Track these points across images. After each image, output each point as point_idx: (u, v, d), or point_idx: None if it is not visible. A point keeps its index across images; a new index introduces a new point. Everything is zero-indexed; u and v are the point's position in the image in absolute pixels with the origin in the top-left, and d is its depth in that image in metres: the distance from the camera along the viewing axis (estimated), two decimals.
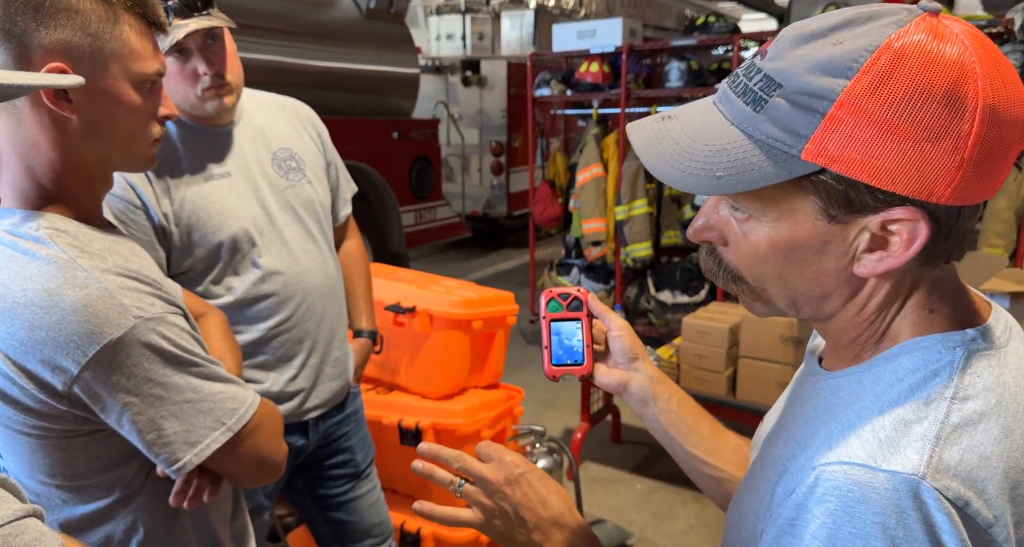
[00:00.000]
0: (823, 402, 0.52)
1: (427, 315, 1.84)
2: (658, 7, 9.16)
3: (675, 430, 0.71)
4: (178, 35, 1.06)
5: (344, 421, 1.42)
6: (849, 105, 0.44)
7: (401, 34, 4.77)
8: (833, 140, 0.44)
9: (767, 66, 0.47)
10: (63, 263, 0.69)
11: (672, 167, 0.50)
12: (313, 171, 1.33)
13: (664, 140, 0.51)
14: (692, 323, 2.43)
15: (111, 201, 1.11)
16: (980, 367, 0.47)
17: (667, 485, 2.64)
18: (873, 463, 0.43)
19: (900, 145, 0.43)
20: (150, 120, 0.78)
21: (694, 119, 0.51)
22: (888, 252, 0.47)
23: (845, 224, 0.47)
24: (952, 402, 0.45)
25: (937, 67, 0.43)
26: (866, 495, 0.43)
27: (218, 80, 1.13)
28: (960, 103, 0.43)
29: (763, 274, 0.52)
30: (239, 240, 1.19)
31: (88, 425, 0.73)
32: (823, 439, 0.47)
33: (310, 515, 1.48)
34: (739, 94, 0.49)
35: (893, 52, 0.43)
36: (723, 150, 0.48)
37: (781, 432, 0.57)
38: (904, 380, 0.47)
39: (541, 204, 4.03)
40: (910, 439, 0.44)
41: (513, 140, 6.59)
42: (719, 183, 0.48)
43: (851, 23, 0.45)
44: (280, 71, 3.81)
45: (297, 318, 1.26)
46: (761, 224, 0.50)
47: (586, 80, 3.73)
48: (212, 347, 0.91)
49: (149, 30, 0.76)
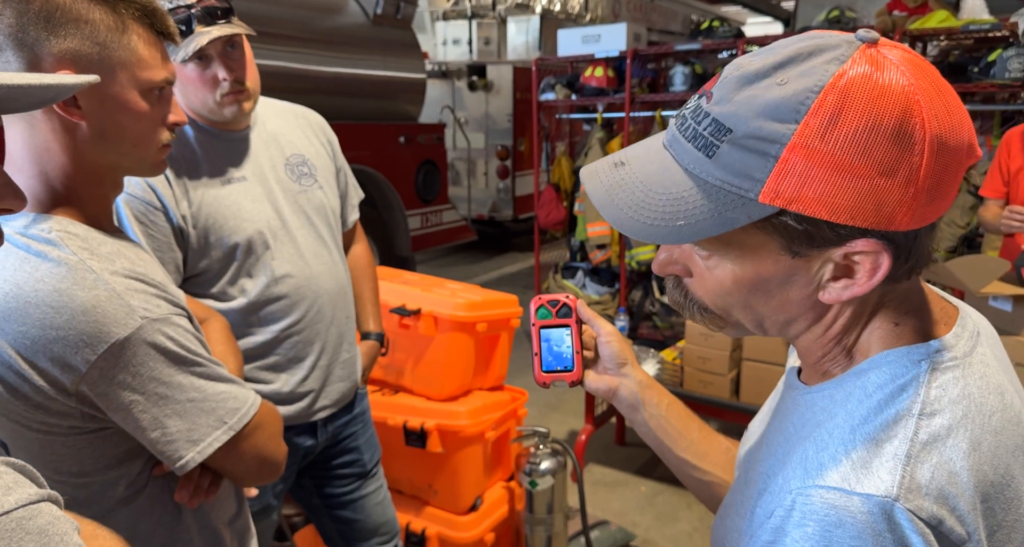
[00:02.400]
0: (800, 417, 0.53)
1: (432, 317, 1.87)
2: (664, 12, 9.17)
3: (665, 434, 0.71)
4: (200, 42, 1.09)
5: (352, 421, 1.44)
6: (801, 147, 0.44)
7: (408, 39, 4.81)
8: (788, 182, 0.45)
9: (715, 110, 0.47)
10: (73, 265, 0.71)
11: (632, 219, 0.49)
12: (324, 177, 1.35)
13: (620, 190, 0.51)
14: (696, 326, 2.44)
15: (132, 202, 1.14)
16: (945, 380, 0.48)
17: (671, 487, 2.65)
18: (847, 486, 0.44)
19: (855, 182, 0.44)
20: (158, 126, 0.80)
21: (647, 165, 0.51)
22: (853, 280, 0.48)
23: (808, 258, 0.48)
24: (920, 418, 0.46)
25: (883, 102, 0.43)
26: (842, 519, 0.43)
27: (237, 86, 1.16)
28: (909, 137, 0.43)
29: (729, 305, 0.53)
30: (253, 243, 1.22)
31: (95, 422, 0.75)
32: (799, 460, 0.48)
33: (317, 514, 1.50)
34: (689, 139, 0.48)
35: (838, 91, 0.43)
36: (680, 198, 0.48)
37: (763, 447, 0.58)
38: (873, 396, 0.48)
39: (546, 208, 4.05)
40: (882, 459, 0.45)
41: (519, 144, 6.61)
42: (680, 231, 0.48)
43: (793, 60, 0.45)
44: (288, 76, 3.86)
45: (308, 320, 1.29)
46: (724, 261, 0.51)
47: (591, 84, 3.75)
48: (214, 350, 0.93)
49: (157, 39, 0.78)
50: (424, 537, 1.92)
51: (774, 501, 0.48)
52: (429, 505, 1.98)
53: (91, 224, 0.78)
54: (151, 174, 0.85)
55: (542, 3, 7.21)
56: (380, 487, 1.53)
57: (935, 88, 0.45)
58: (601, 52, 3.69)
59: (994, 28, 2.79)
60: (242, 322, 1.23)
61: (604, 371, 0.72)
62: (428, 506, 1.98)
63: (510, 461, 2.10)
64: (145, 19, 0.77)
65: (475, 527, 1.93)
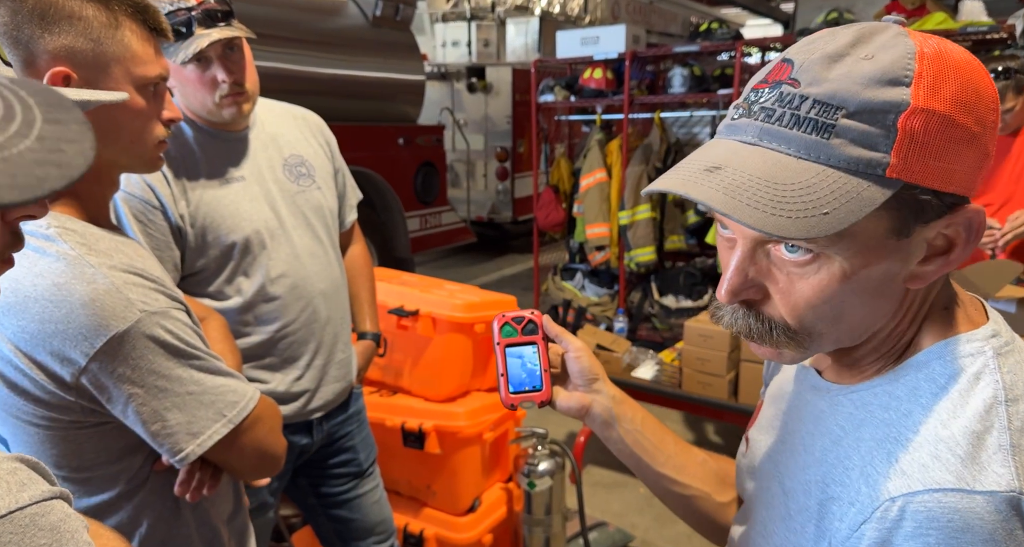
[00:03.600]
0: (850, 419, 0.50)
1: (430, 318, 1.87)
2: (663, 14, 9.19)
3: (642, 450, 0.68)
4: (201, 44, 1.10)
5: (347, 421, 1.44)
6: (920, 111, 0.42)
7: (407, 41, 4.82)
8: (913, 152, 0.43)
9: (812, 91, 0.44)
10: (72, 259, 0.71)
11: (776, 216, 0.43)
12: (322, 178, 1.36)
13: (742, 191, 0.44)
14: (694, 327, 2.44)
15: (130, 201, 1.15)
16: (1011, 364, 0.47)
17: None
18: (966, 486, 0.42)
19: (962, 145, 0.43)
20: (154, 122, 0.81)
21: (750, 164, 0.45)
22: (948, 256, 0.47)
23: (908, 239, 0.46)
24: (1008, 405, 0.45)
25: (965, 67, 0.44)
26: (969, 523, 0.41)
27: (236, 88, 1.17)
28: (990, 96, 0.45)
29: (819, 316, 0.48)
30: (250, 242, 1.23)
31: (95, 416, 0.75)
32: (883, 463, 0.45)
33: (313, 514, 1.50)
34: (791, 126, 0.45)
35: (929, 57, 0.43)
36: (811, 186, 0.43)
37: (800, 455, 0.54)
38: (947, 388, 0.46)
39: (545, 209, 4.05)
40: (988, 453, 0.43)
41: (518, 146, 6.62)
42: (827, 220, 0.43)
43: (862, 40, 0.45)
44: (288, 78, 3.86)
45: (303, 320, 1.29)
46: (831, 260, 0.46)
47: (590, 86, 3.76)
48: (212, 348, 0.93)
49: (151, 35, 0.79)
50: (422, 538, 1.92)
51: (859, 512, 0.45)
52: (427, 506, 1.98)
53: (89, 220, 0.78)
54: (148, 170, 0.85)
55: (541, 5, 7.23)
56: (376, 486, 1.53)
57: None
58: (600, 54, 3.70)
59: (992, 30, 2.79)
60: (238, 321, 1.23)
61: (575, 388, 0.67)
62: (426, 507, 1.98)
63: (508, 462, 2.09)
64: (138, 15, 0.77)
65: (473, 528, 1.93)
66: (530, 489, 1.97)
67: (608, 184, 3.77)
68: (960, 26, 2.88)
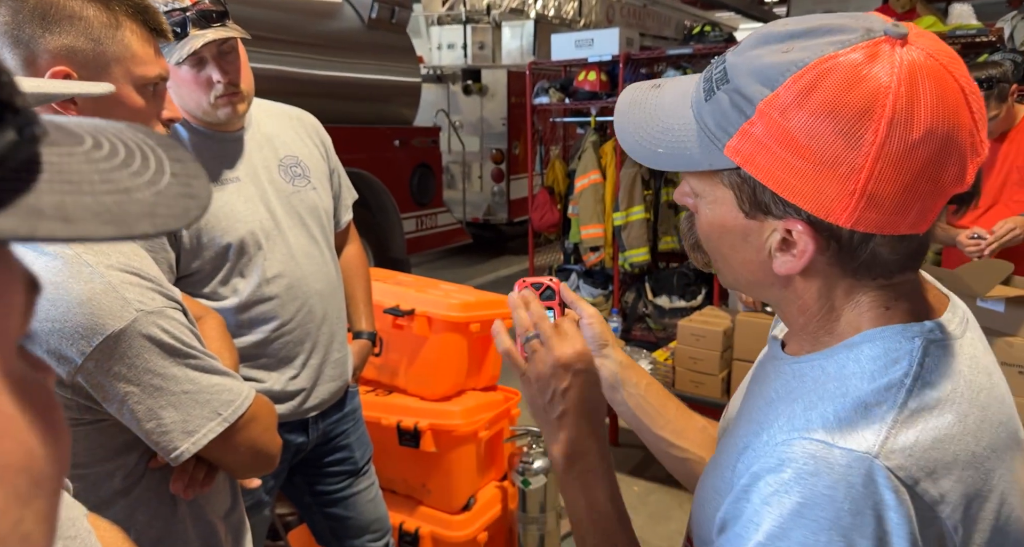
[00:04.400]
0: (785, 385, 0.54)
1: (426, 318, 1.88)
2: (657, 17, 9.23)
3: (643, 413, 0.74)
4: (195, 45, 1.10)
5: (343, 419, 1.45)
6: (766, 115, 0.46)
7: (403, 44, 4.83)
8: (749, 143, 0.47)
9: (730, 59, 0.50)
10: (69, 259, 0.72)
11: (630, 134, 0.55)
12: (318, 178, 1.37)
13: (637, 107, 0.56)
14: (687, 326, 2.46)
15: None
16: (938, 356, 0.49)
17: (664, 487, 2.66)
18: (830, 440, 0.45)
19: (801, 163, 0.45)
20: (153, 122, 0.81)
21: (670, 93, 0.55)
22: (791, 255, 0.50)
23: (759, 222, 0.51)
24: (911, 389, 0.47)
25: (850, 94, 0.43)
26: (819, 469, 0.45)
27: (231, 88, 1.18)
28: (858, 136, 0.43)
29: (711, 248, 0.57)
30: (246, 243, 1.23)
31: (91, 414, 0.75)
32: (787, 418, 0.49)
33: (309, 512, 1.51)
34: (704, 80, 0.52)
35: (818, 72, 0.44)
36: (670, 129, 0.53)
37: (743, 414, 0.59)
38: (866, 367, 0.49)
39: (540, 210, 4.07)
40: (868, 421, 0.46)
41: (513, 148, 6.64)
42: (657, 158, 0.53)
43: (808, 34, 0.46)
44: (284, 80, 3.87)
45: (299, 320, 1.30)
46: (703, 204, 0.54)
47: (584, 88, 3.78)
48: (210, 347, 0.93)
49: (151, 36, 0.80)
50: (418, 536, 1.93)
51: (757, 456, 0.49)
52: (422, 505, 1.99)
53: None
54: None
55: (536, 8, 7.26)
56: (372, 485, 1.54)
57: (930, 98, 0.43)
58: (594, 56, 3.72)
59: (981, 33, 2.83)
60: (234, 322, 1.24)
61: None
62: (421, 505, 1.99)
63: (503, 461, 2.11)
64: (138, 16, 0.78)
65: (468, 526, 1.94)
66: (525, 487, 1.98)
67: (602, 185, 3.79)
68: (949, 29, 2.91)
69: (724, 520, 0.50)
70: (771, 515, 0.45)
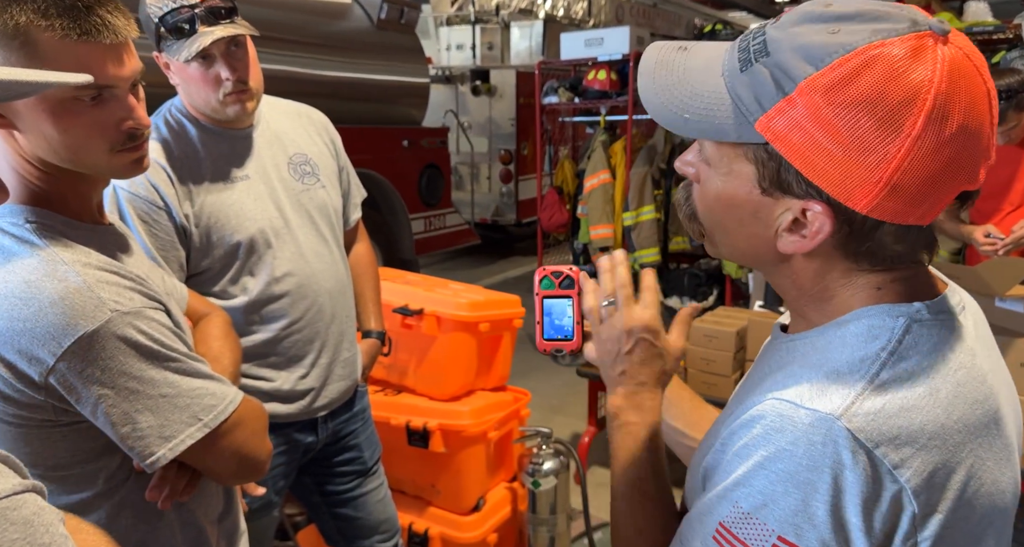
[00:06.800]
0: (778, 361, 0.57)
1: (435, 317, 1.87)
2: (668, 16, 9.20)
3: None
4: (204, 42, 1.09)
5: (352, 419, 1.45)
6: (807, 94, 0.46)
7: (412, 45, 4.84)
8: (783, 121, 0.47)
9: (770, 32, 0.49)
10: (44, 256, 0.70)
11: (655, 95, 0.54)
12: (327, 176, 1.36)
13: (663, 69, 0.55)
14: (699, 327, 2.44)
15: (135, 202, 1.15)
16: (920, 334, 0.50)
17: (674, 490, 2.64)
18: (798, 401, 0.48)
19: (834, 146, 0.46)
20: (97, 134, 0.73)
21: (699, 57, 0.54)
22: (801, 237, 0.51)
23: (774, 199, 0.51)
24: (886, 361, 0.49)
25: (893, 86, 0.44)
26: (784, 426, 0.48)
27: (240, 85, 1.17)
28: (896, 126, 0.44)
29: (712, 221, 0.57)
30: (256, 241, 1.23)
31: (67, 416, 0.73)
32: (768, 385, 0.52)
33: (318, 512, 1.51)
34: (740, 50, 0.51)
35: (865, 58, 0.45)
36: (700, 95, 0.52)
37: (739, 390, 0.63)
38: (848, 342, 0.51)
39: (549, 210, 4.06)
40: (838, 387, 0.48)
41: (522, 148, 6.63)
42: (685, 124, 0.52)
43: (858, 17, 0.46)
44: (294, 81, 3.88)
45: (308, 319, 1.29)
46: (714, 175, 0.54)
47: (594, 87, 3.77)
48: (211, 346, 0.92)
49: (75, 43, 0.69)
50: (427, 537, 1.92)
51: (737, 417, 0.52)
52: (432, 505, 1.98)
53: (72, 217, 0.77)
54: (124, 176, 0.79)
55: (545, 8, 7.25)
56: (381, 485, 1.53)
57: (963, 98, 0.45)
58: (604, 55, 3.71)
59: (998, 30, 2.79)
60: (243, 320, 1.23)
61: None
62: (431, 506, 1.98)
63: (513, 462, 2.09)
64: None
65: (478, 527, 1.93)
66: (534, 488, 1.97)
67: (612, 185, 3.77)
68: (965, 26, 2.87)
69: (706, 470, 0.54)
70: (741, 465, 0.49)
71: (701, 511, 0.52)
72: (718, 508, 0.50)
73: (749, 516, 0.48)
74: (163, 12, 1.10)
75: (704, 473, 0.54)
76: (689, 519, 0.54)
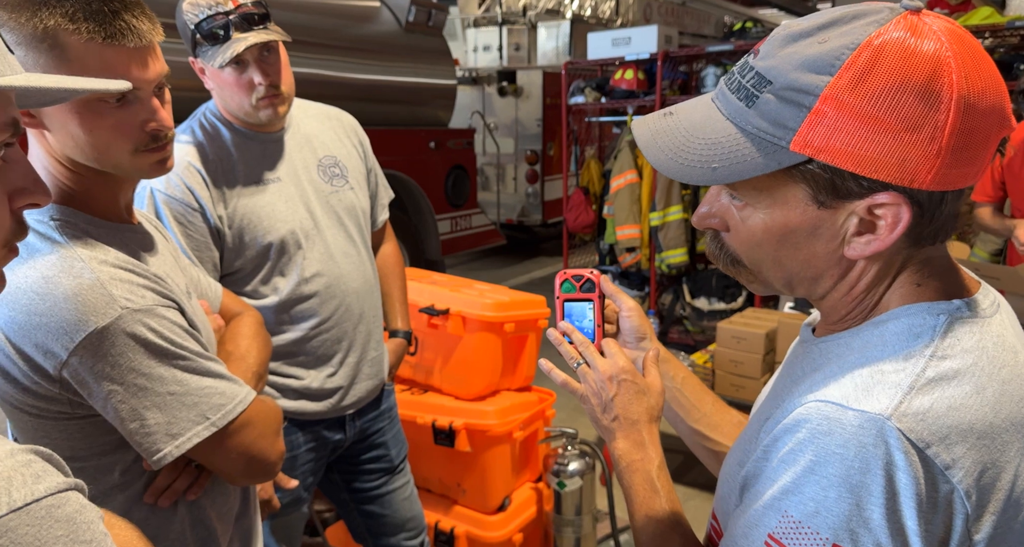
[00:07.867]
0: (811, 363, 0.56)
1: (460, 317, 1.88)
2: (697, 15, 9.08)
3: (679, 406, 0.76)
4: (237, 48, 1.12)
5: (379, 417, 1.46)
6: (832, 99, 0.47)
7: (439, 47, 4.87)
8: (818, 132, 0.47)
9: (759, 64, 0.50)
10: (63, 253, 0.72)
11: (671, 160, 0.54)
12: (355, 178, 1.38)
13: (664, 135, 0.55)
14: (727, 329, 2.41)
15: (171, 204, 1.19)
16: (962, 332, 0.50)
17: (702, 493, 2.61)
18: (845, 402, 0.47)
19: (881, 136, 0.46)
20: (121, 136, 0.75)
21: (692, 115, 0.55)
22: (875, 235, 0.50)
23: (834, 209, 0.50)
24: (930, 359, 0.48)
25: (914, 62, 0.45)
26: (832, 429, 0.46)
27: (272, 90, 1.19)
28: (936, 95, 0.45)
29: (759, 258, 0.56)
30: (287, 243, 1.25)
31: (83, 409, 0.74)
32: (807, 386, 0.51)
33: (346, 509, 1.53)
34: (733, 91, 0.52)
35: (873, 49, 0.46)
36: (718, 143, 0.52)
37: (770, 393, 0.62)
38: (888, 341, 0.51)
39: (575, 211, 4.05)
40: (884, 386, 0.47)
41: (548, 149, 6.62)
42: (714, 174, 0.52)
43: (836, 22, 0.48)
44: (322, 83, 3.94)
45: (336, 318, 1.32)
46: (757, 211, 0.53)
47: (621, 87, 3.74)
48: (239, 344, 0.93)
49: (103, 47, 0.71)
50: (453, 536, 1.93)
51: (777, 421, 0.51)
52: (457, 504, 1.99)
53: (99, 215, 0.78)
54: (148, 176, 0.81)
55: (572, 9, 7.23)
56: (407, 483, 1.54)
57: (971, 54, 0.47)
58: (631, 55, 3.68)
59: None
60: (273, 320, 1.26)
61: (624, 344, 0.75)
62: (456, 505, 1.99)
63: (538, 462, 2.09)
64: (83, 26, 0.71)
65: (503, 527, 1.93)
66: (560, 489, 1.97)
67: (639, 185, 3.74)
68: (1007, 20, 2.78)
69: (746, 478, 0.53)
70: (787, 472, 0.48)
71: (747, 524, 0.50)
72: (765, 519, 0.49)
73: (800, 525, 0.46)
74: (199, 19, 1.13)
75: (744, 482, 0.53)
76: (732, 535, 0.52)
